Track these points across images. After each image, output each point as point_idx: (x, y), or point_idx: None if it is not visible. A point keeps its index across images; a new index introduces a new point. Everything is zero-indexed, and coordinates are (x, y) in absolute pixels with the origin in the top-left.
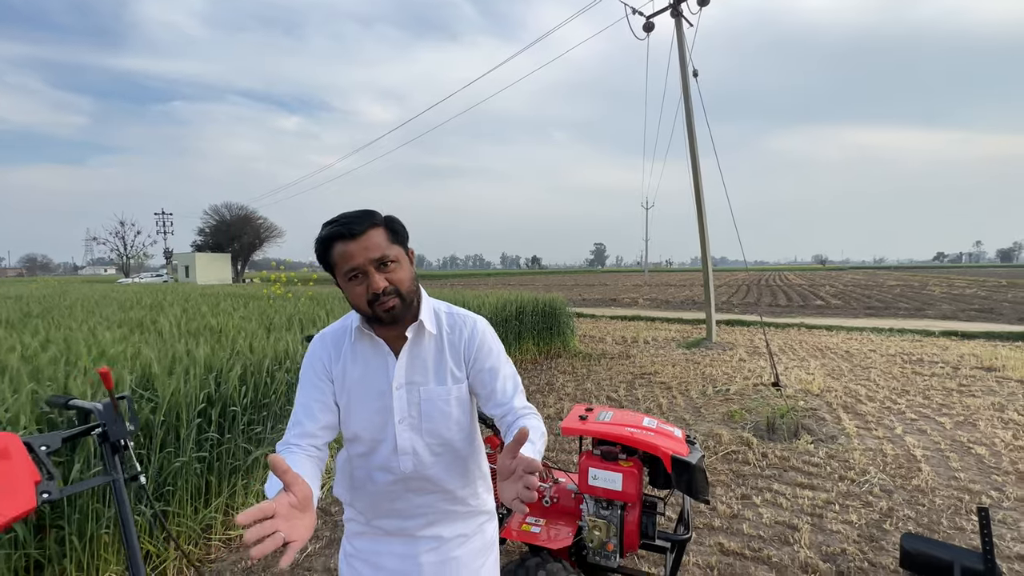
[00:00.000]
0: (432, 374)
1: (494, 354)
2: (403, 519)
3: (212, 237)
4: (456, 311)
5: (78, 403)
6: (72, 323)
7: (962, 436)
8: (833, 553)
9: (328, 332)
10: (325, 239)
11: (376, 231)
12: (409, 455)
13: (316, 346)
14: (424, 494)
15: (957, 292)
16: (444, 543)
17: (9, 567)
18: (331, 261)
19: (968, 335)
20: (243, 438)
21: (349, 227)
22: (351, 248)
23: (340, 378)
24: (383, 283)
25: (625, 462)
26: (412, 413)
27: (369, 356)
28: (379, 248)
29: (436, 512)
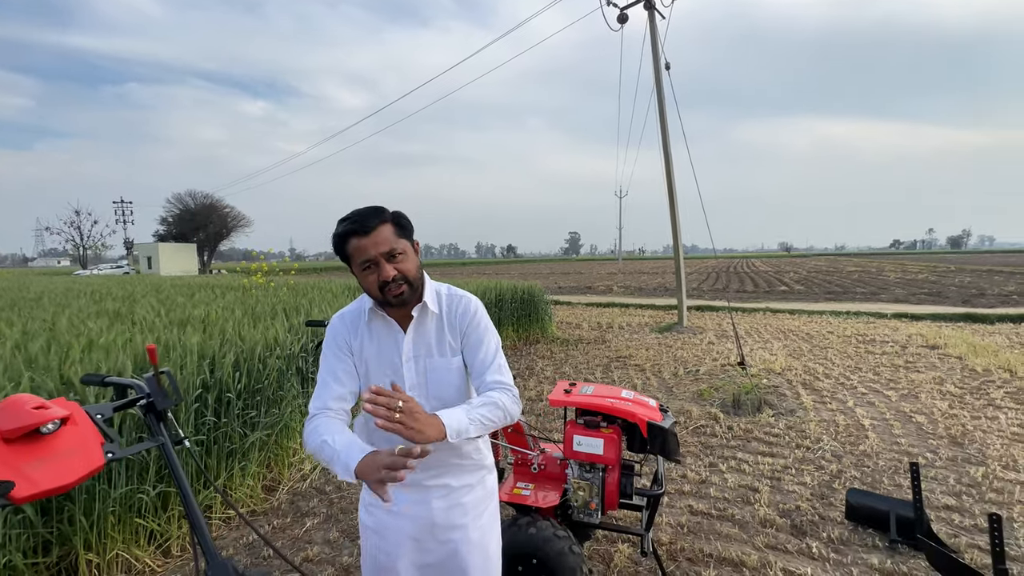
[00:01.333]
0: (435, 347)
1: (481, 328)
2: (416, 471)
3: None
4: (455, 291)
5: (115, 379)
6: (44, 315)
7: (905, 407)
8: (789, 510)
9: (346, 312)
10: (342, 235)
11: (385, 227)
12: None
13: (337, 325)
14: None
15: (910, 277)
16: (452, 491)
17: (18, 547)
18: (347, 253)
19: (917, 317)
20: (239, 422)
21: (362, 224)
22: (364, 243)
23: (359, 352)
24: (392, 272)
25: (606, 429)
26: (420, 381)
27: (383, 334)
28: (388, 242)
29: (444, 465)
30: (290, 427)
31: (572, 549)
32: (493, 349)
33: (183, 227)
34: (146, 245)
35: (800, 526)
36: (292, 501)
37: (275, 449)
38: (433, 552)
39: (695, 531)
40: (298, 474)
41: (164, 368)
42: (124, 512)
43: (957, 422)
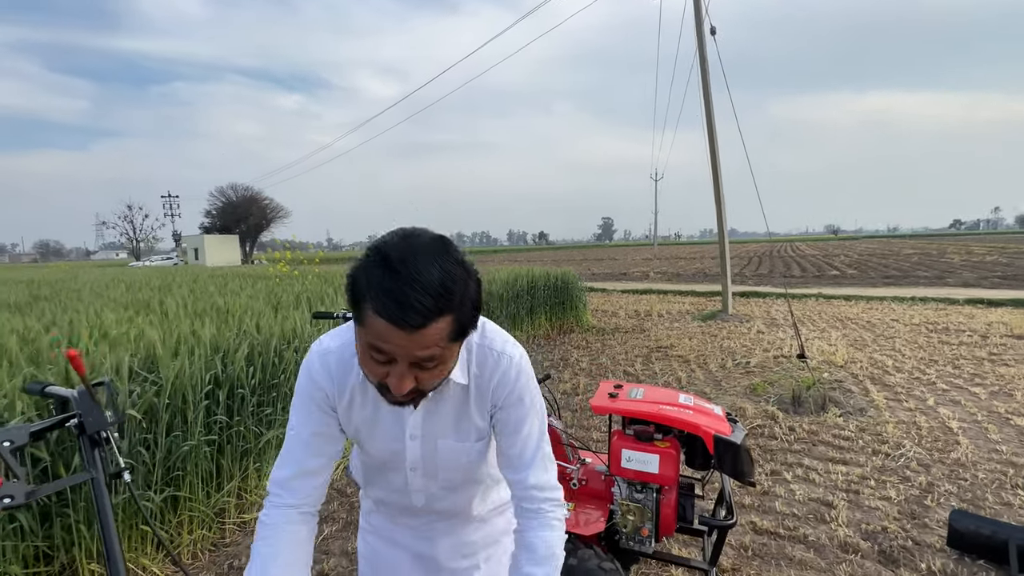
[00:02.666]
0: (452, 427)
1: (525, 405)
2: (419, 516)
3: (219, 219)
4: (490, 341)
5: (55, 390)
6: (80, 306)
7: (999, 407)
8: (873, 531)
9: (332, 353)
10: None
11: (442, 323)
12: (421, 492)
13: (316, 370)
14: (438, 514)
15: (977, 259)
16: (459, 529)
17: (17, 557)
18: (362, 320)
19: (995, 303)
20: (253, 420)
21: (409, 320)
22: (399, 338)
23: (346, 412)
24: (408, 387)
25: (661, 442)
26: (425, 463)
27: (381, 403)
28: (431, 348)
29: (449, 516)
30: None
31: None
32: (536, 435)
33: (226, 219)
34: (192, 237)
35: (890, 553)
36: None
37: None
38: None
39: (761, 555)
40: None
41: (102, 378)
42: (128, 519)
43: None
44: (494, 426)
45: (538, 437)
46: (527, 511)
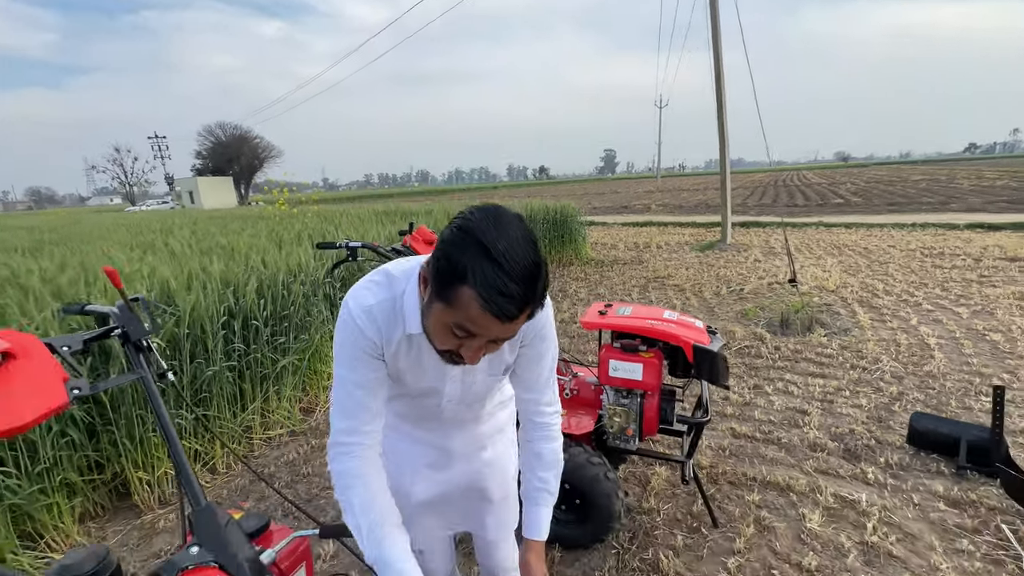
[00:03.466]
0: (486, 365)
1: (546, 341)
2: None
3: (211, 160)
4: None
5: (94, 308)
6: (87, 248)
7: (978, 324)
8: (841, 433)
9: (375, 310)
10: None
11: (527, 313)
12: (451, 411)
13: (363, 323)
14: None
15: (987, 184)
16: (471, 426)
17: (73, 466)
18: (453, 301)
19: (995, 227)
20: (268, 348)
21: (510, 311)
22: (490, 325)
23: (392, 360)
24: (478, 357)
25: (646, 353)
26: (459, 394)
27: (425, 351)
28: (509, 334)
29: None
30: (321, 352)
31: (607, 476)
32: (551, 363)
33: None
34: (186, 180)
35: (854, 450)
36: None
37: (309, 373)
38: (451, 480)
39: (738, 454)
40: None
41: (137, 294)
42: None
43: None
44: (518, 358)
45: (551, 365)
46: (537, 424)
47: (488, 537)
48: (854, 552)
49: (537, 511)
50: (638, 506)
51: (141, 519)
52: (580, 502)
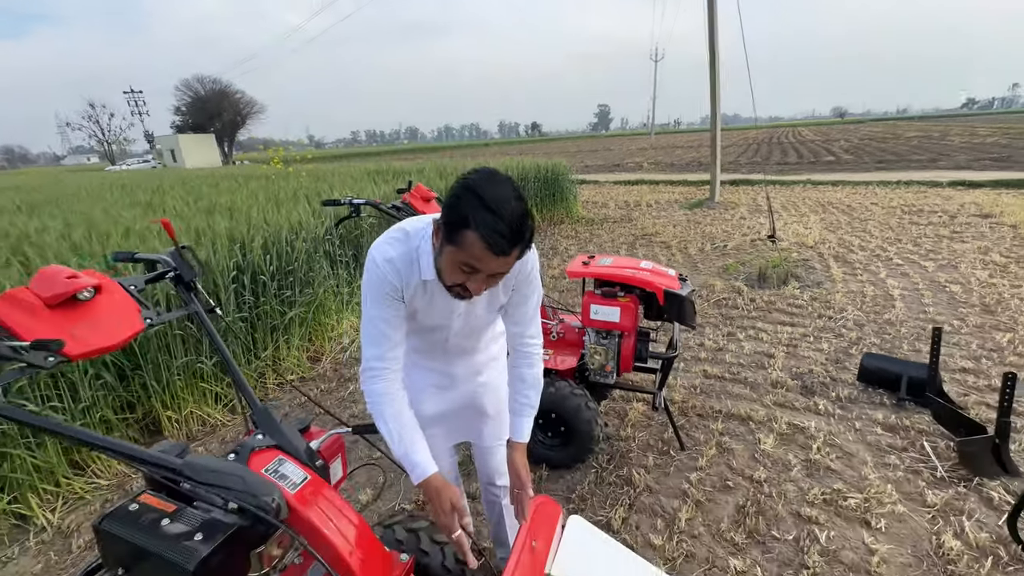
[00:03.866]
0: (485, 303)
1: (533, 284)
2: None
3: (191, 116)
4: None
5: (143, 255)
6: (84, 207)
7: (941, 277)
8: (801, 373)
9: (397, 259)
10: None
11: (518, 251)
12: (453, 343)
13: (386, 271)
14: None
15: (978, 141)
16: (472, 354)
17: (108, 405)
18: (459, 242)
19: (975, 184)
20: (276, 301)
21: (503, 247)
22: (490, 259)
23: (409, 301)
24: (482, 290)
25: (623, 298)
26: (463, 328)
27: (437, 291)
28: (506, 266)
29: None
30: (325, 305)
31: (587, 405)
32: (535, 304)
33: (198, 116)
34: (167, 137)
35: (810, 387)
36: (335, 369)
37: (314, 325)
38: (454, 399)
39: (707, 391)
40: (338, 347)
41: (184, 244)
42: (189, 378)
43: (994, 291)
44: (509, 298)
45: (536, 305)
46: (522, 353)
47: (484, 445)
48: (798, 467)
49: (521, 421)
50: (616, 435)
51: None
52: (564, 429)
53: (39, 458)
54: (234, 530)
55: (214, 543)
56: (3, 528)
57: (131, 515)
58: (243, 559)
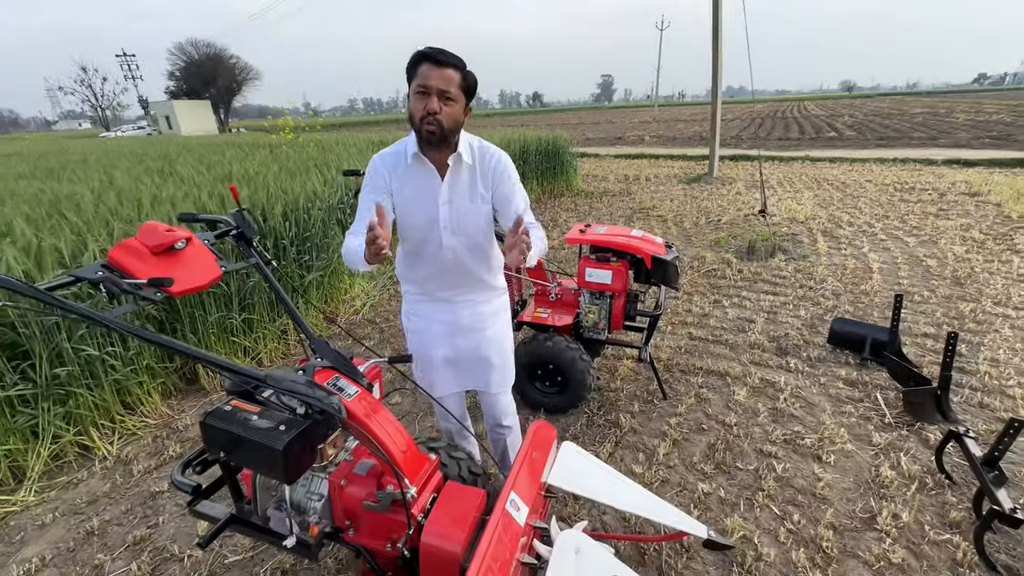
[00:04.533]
0: (467, 194)
1: (512, 181)
2: (447, 289)
3: (185, 81)
4: (486, 145)
5: (206, 216)
6: (98, 175)
7: (920, 252)
8: (778, 336)
9: (386, 153)
10: (420, 55)
11: (455, 72)
12: (450, 250)
13: (377, 164)
14: (461, 274)
15: (982, 119)
16: (475, 304)
17: (151, 354)
18: (414, 73)
19: (970, 163)
20: (295, 265)
21: (439, 57)
22: (432, 72)
23: (398, 191)
24: (436, 108)
25: (615, 263)
26: (453, 222)
27: (420, 177)
28: (449, 83)
29: (468, 284)
30: (339, 270)
31: (581, 357)
32: (523, 196)
33: (192, 82)
34: (161, 104)
35: (784, 348)
36: (350, 329)
37: (329, 288)
38: (461, 346)
39: (690, 351)
40: (351, 309)
41: (245, 207)
42: (220, 332)
43: (968, 265)
44: (496, 200)
45: (524, 199)
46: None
47: (491, 391)
48: (765, 414)
49: None
50: (606, 387)
51: (209, 398)
52: (560, 378)
53: (96, 397)
54: (307, 425)
55: (294, 432)
56: (71, 456)
57: (228, 413)
58: (311, 450)
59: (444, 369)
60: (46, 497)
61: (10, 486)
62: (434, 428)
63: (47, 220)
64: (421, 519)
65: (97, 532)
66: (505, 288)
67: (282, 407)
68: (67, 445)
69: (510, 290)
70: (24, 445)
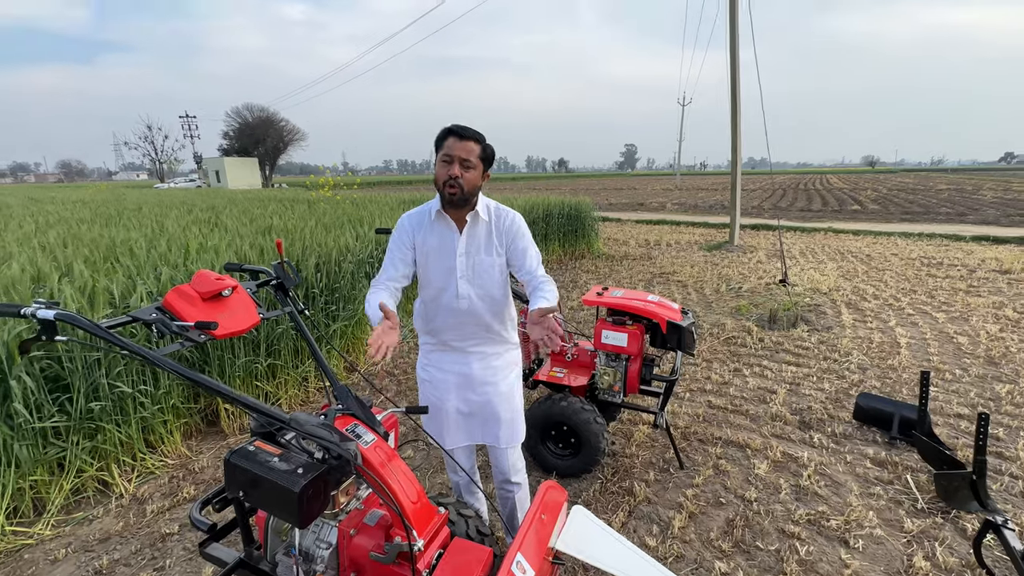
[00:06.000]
0: (483, 247)
1: (526, 238)
2: (461, 339)
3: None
4: (502, 207)
5: (250, 267)
6: (151, 223)
7: (950, 328)
8: (801, 409)
9: (413, 213)
10: (446, 131)
11: (475, 144)
12: (466, 299)
13: (404, 221)
14: (475, 324)
15: (1011, 197)
16: (487, 356)
17: (179, 394)
18: (440, 145)
19: (1000, 240)
20: (323, 314)
21: (462, 132)
22: (456, 144)
23: (421, 245)
24: (457, 173)
25: (631, 326)
26: (469, 273)
27: (442, 232)
28: (469, 153)
29: (482, 336)
30: (363, 321)
31: (596, 420)
32: (535, 252)
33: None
34: (213, 159)
35: (808, 422)
36: (370, 378)
37: (352, 338)
38: (472, 400)
39: (709, 420)
40: (371, 361)
41: (286, 259)
42: (246, 376)
43: (1002, 344)
44: (511, 255)
45: (536, 255)
46: (541, 284)
47: (500, 446)
48: (787, 490)
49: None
50: (621, 452)
51: (227, 441)
52: (574, 440)
53: (123, 434)
54: (323, 470)
55: (311, 476)
56: (90, 491)
57: (250, 453)
58: (325, 496)
59: (455, 421)
60: (61, 532)
61: (29, 518)
62: (444, 485)
63: (103, 263)
64: (426, 574)
65: (105, 571)
66: (518, 344)
67: (301, 451)
68: (88, 480)
69: (525, 349)
70: (49, 477)
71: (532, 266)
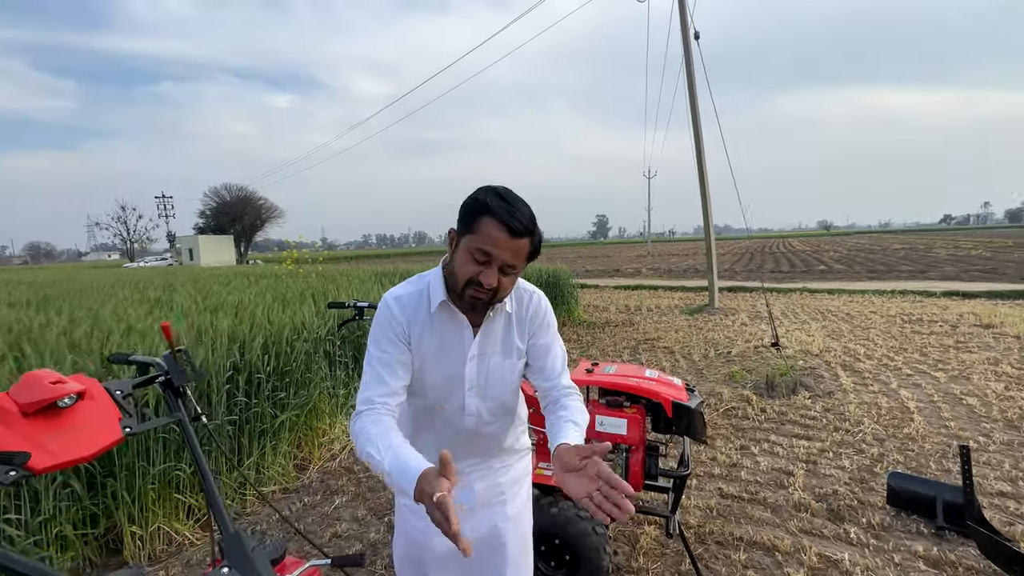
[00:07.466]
0: (500, 347)
1: (552, 331)
2: (457, 460)
3: (214, 219)
4: (521, 285)
5: (138, 358)
6: (91, 304)
7: (955, 389)
8: (825, 494)
9: (403, 296)
10: (494, 215)
11: (527, 242)
12: (473, 416)
13: (393, 308)
14: (478, 443)
15: (963, 254)
16: (492, 471)
17: (69, 519)
18: (476, 229)
19: (969, 295)
20: (269, 403)
21: (515, 225)
22: (504, 240)
23: (416, 343)
24: (495, 282)
25: (629, 409)
26: (480, 382)
27: (447, 328)
28: (518, 256)
29: (485, 454)
30: (319, 408)
31: (595, 530)
32: (560, 351)
33: (220, 219)
34: (187, 238)
35: (837, 511)
36: (322, 480)
37: (304, 430)
38: (472, 529)
39: (725, 514)
40: (328, 453)
41: (181, 346)
42: (163, 488)
43: (1014, 404)
44: (530, 352)
45: (562, 355)
46: (565, 397)
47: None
48: None
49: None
50: (627, 565)
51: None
52: (569, 557)
53: None
54: None
55: None
56: None
57: None
58: None
59: (445, 565)
60: None
61: None
62: None
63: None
64: None
65: None
66: (529, 448)
67: None
68: None
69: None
70: None
71: (557, 370)
